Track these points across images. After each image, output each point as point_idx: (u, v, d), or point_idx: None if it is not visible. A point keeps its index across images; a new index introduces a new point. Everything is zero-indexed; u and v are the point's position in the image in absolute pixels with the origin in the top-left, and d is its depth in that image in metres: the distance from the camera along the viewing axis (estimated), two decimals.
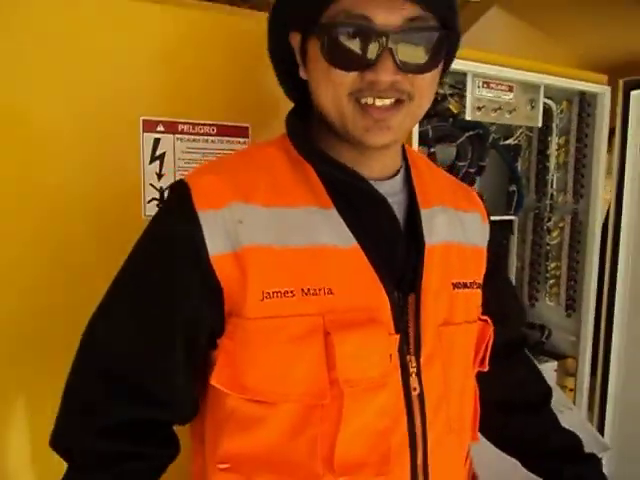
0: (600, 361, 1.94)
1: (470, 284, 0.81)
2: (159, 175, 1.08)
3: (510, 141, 1.87)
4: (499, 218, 1.82)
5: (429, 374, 0.72)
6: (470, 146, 1.65)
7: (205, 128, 1.12)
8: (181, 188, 0.69)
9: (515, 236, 1.95)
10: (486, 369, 0.84)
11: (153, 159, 1.08)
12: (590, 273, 1.81)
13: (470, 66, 1.46)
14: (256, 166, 0.73)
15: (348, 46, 0.64)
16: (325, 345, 0.65)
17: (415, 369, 0.71)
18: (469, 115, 1.52)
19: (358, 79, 0.65)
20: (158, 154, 1.08)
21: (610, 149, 1.84)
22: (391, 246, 0.73)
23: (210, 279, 0.66)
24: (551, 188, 1.88)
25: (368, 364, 0.68)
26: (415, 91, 0.67)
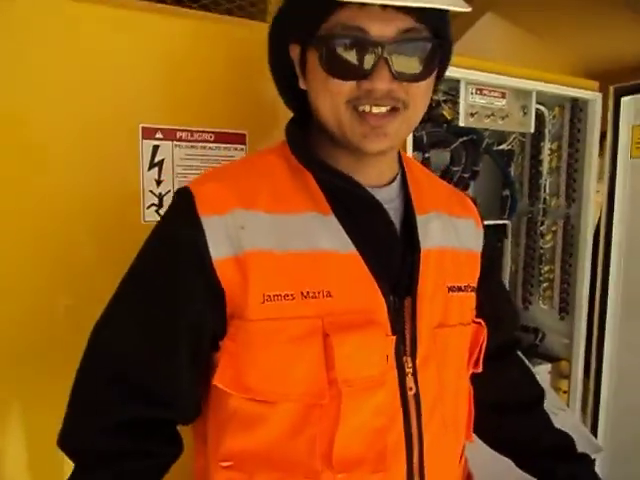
0: (593, 363, 1.94)
1: (464, 287, 0.82)
2: (158, 181, 1.09)
3: (503, 146, 1.87)
4: (493, 222, 1.82)
5: (425, 374, 0.74)
6: (464, 151, 1.66)
7: (203, 135, 1.13)
8: (185, 195, 0.70)
9: (509, 240, 1.95)
10: (480, 370, 0.85)
11: (152, 166, 1.08)
12: (582, 276, 1.82)
13: (463, 73, 1.47)
14: (257, 173, 0.74)
15: (345, 57, 0.66)
16: (324, 346, 0.67)
17: (411, 369, 0.73)
18: (462, 121, 1.53)
19: (355, 88, 0.67)
20: (157, 161, 1.09)
21: (602, 154, 1.85)
22: (388, 251, 0.75)
23: (213, 283, 0.68)
24: (544, 192, 1.89)
25: (366, 364, 0.69)
26: (410, 99, 0.69)
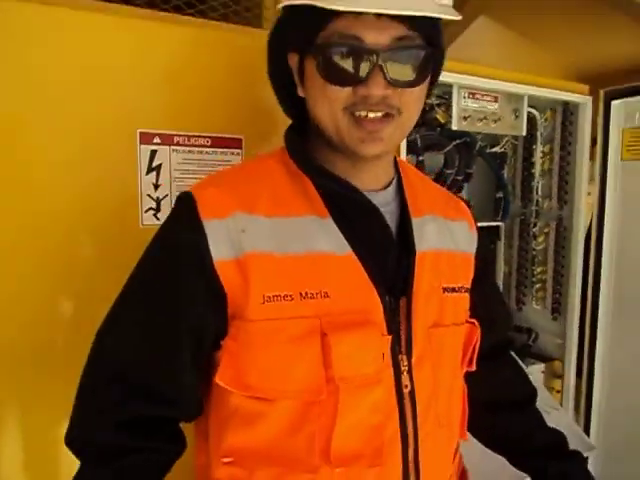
0: (585, 363, 1.96)
1: (458, 288, 0.84)
2: (155, 185, 1.10)
3: (496, 149, 1.89)
4: (486, 224, 1.83)
5: (420, 373, 0.76)
6: (457, 154, 1.67)
7: (200, 140, 1.14)
8: (187, 199, 0.72)
9: (502, 242, 1.96)
10: (474, 369, 0.87)
11: (150, 170, 1.09)
12: (574, 277, 1.83)
13: (456, 78, 1.49)
14: (257, 178, 0.76)
15: (342, 64, 0.68)
16: (322, 345, 0.69)
17: (407, 368, 0.75)
18: (455, 125, 1.54)
19: (352, 94, 0.70)
20: (155, 165, 1.10)
21: (593, 156, 1.87)
22: (383, 253, 0.77)
23: (214, 285, 0.69)
24: (536, 195, 1.91)
25: (362, 363, 0.71)
26: (403, 106, 0.71)
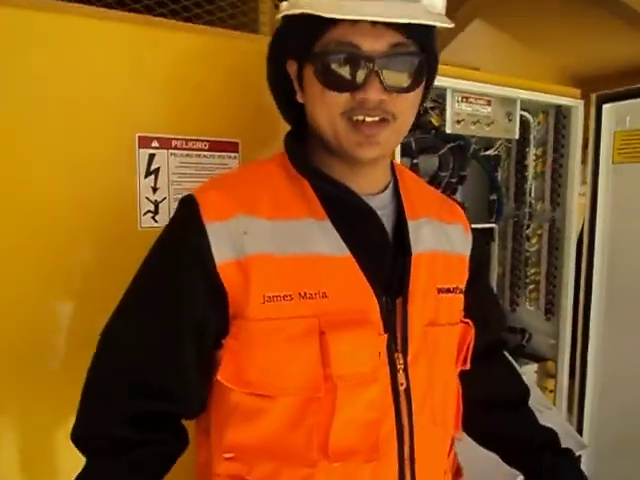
0: (578, 363, 1.98)
1: (453, 289, 0.86)
2: (154, 189, 1.11)
3: (490, 152, 1.90)
4: (480, 226, 1.84)
5: (415, 371, 0.77)
6: (452, 157, 1.68)
7: (198, 144, 1.15)
8: (189, 202, 0.74)
9: (496, 243, 1.98)
10: (468, 368, 0.89)
11: (148, 173, 1.10)
12: (567, 278, 1.85)
13: (450, 82, 1.51)
14: (258, 181, 0.78)
15: (339, 71, 0.70)
16: (320, 344, 0.71)
17: (402, 366, 0.76)
18: (449, 128, 1.56)
19: (350, 99, 0.72)
20: (153, 169, 1.11)
21: (585, 159, 1.89)
22: (380, 255, 0.79)
23: (216, 286, 0.71)
24: (529, 197, 1.92)
25: (359, 361, 0.73)
26: (398, 111, 0.73)
